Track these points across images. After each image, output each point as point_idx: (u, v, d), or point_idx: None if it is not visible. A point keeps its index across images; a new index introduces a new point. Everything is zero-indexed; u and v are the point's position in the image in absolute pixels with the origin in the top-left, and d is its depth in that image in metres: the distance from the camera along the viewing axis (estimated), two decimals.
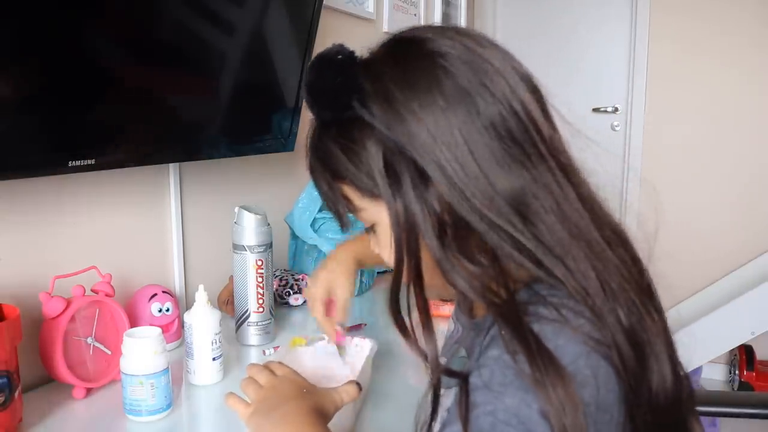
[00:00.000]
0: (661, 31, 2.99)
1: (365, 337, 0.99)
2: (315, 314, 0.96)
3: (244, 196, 1.44)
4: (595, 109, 3.17)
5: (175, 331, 1.13)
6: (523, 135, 0.54)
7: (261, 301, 1.15)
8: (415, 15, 2.42)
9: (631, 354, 0.51)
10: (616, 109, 3.15)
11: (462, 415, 0.49)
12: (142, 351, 0.86)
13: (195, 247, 1.34)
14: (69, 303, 0.92)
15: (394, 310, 0.57)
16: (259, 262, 1.14)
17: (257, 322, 1.16)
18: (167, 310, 1.12)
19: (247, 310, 1.15)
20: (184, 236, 1.30)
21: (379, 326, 1.24)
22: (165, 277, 1.27)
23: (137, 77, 1.04)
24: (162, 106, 1.12)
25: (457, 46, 0.55)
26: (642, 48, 3.03)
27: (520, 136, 0.54)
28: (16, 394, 0.81)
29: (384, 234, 0.58)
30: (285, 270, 1.47)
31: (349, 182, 0.58)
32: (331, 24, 1.71)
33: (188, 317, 0.99)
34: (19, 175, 0.93)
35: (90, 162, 0.97)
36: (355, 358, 0.94)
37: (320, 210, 1.44)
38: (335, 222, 0.63)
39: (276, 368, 0.77)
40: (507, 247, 0.52)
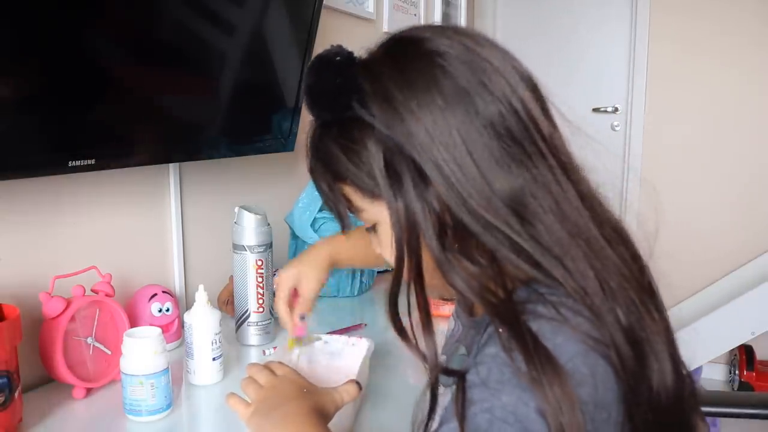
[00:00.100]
0: (661, 31, 2.99)
1: (362, 336, 0.99)
2: (277, 304, 0.95)
3: (244, 196, 1.44)
4: (595, 109, 3.17)
5: (175, 331, 1.13)
6: (523, 133, 0.54)
7: (261, 301, 1.15)
8: (415, 15, 2.41)
9: (629, 353, 0.51)
10: (616, 109, 3.15)
11: (459, 413, 0.49)
12: (142, 351, 0.86)
13: (195, 247, 1.34)
14: (69, 303, 0.92)
15: (392, 312, 0.57)
16: (259, 262, 1.14)
17: (257, 322, 1.16)
18: (167, 310, 1.12)
19: (247, 310, 1.15)
20: (184, 236, 1.30)
21: (379, 326, 1.24)
22: (165, 277, 1.27)
23: (137, 77, 1.04)
24: (162, 106, 1.12)
25: (456, 45, 0.55)
26: (642, 48, 3.03)
27: (519, 134, 0.53)
28: (16, 394, 0.81)
29: (385, 234, 0.58)
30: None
31: (350, 182, 0.58)
32: (331, 24, 1.70)
33: (188, 317, 0.99)
34: (19, 175, 0.93)
35: (90, 162, 0.97)
36: (352, 358, 0.94)
37: (320, 210, 1.44)
38: (336, 222, 0.63)
39: (276, 368, 0.77)
40: (504, 249, 0.52)
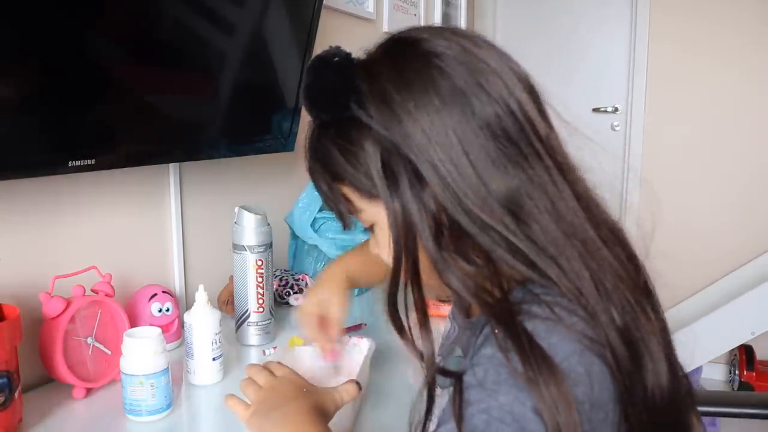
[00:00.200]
0: (661, 31, 2.99)
1: (363, 336, 0.99)
2: (309, 331, 0.92)
3: (244, 196, 1.44)
4: (595, 109, 3.17)
5: (175, 331, 1.13)
6: (519, 134, 0.54)
7: (261, 301, 1.15)
8: (415, 15, 2.41)
9: (624, 353, 0.51)
10: (616, 109, 3.15)
11: (456, 414, 0.49)
12: (142, 351, 0.86)
13: (195, 247, 1.34)
14: (69, 303, 0.92)
15: (392, 310, 0.57)
16: (259, 262, 1.14)
17: (257, 322, 1.16)
18: (167, 310, 1.12)
19: (247, 310, 1.15)
20: (184, 236, 1.30)
21: (379, 326, 1.24)
22: (165, 277, 1.27)
23: (137, 77, 1.04)
24: (162, 106, 1.12)
25: (453, 46, 0.55)
26: (642, 48, 3.03)
27: (516, 135, 0.54)
28: (16, 394, 0.81)
29: (383, 234, 0.58)
30: (285, 270, 1.47)
31: (348, 183, 0.58)
32: (331, 24, 1.71)
33: (188, 317, 0.99)
34: (19, 175, 0.93)
35: (90, 162, 0.97)
36: (353, 358, 0.94)
37: (320, 210, 1.44)
38: (336, 222, 0.63)
39: (275, 368, 0.77)
40: (500, 249, 0.53)
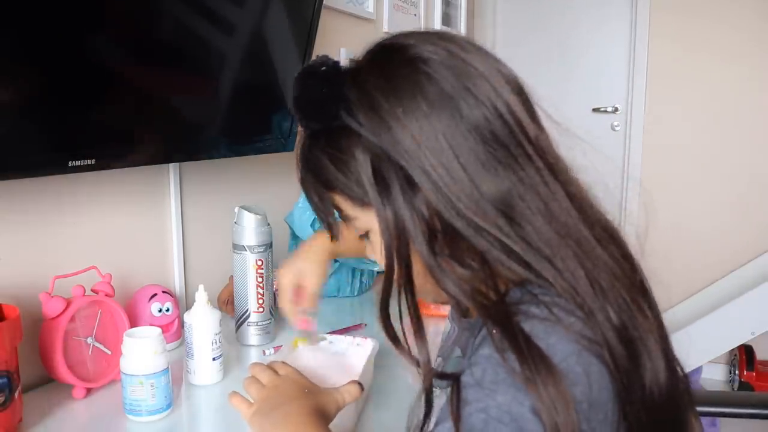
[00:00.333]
0: (661, 30, 2.98)
1: (367, 336, 0.99)
2: (282, 301, 0.94)
3: (244, 196, 1.44)
4: (595, 109, 3.17)
5: (175, 331, 1.13)
6: (508, 136, 0.54)
7: (261, 301, 1.15)
8: (415, 15, 2.41)
9: (622, 351, 0.51)
10: (616, 109, 3.15)
11: (454, 413, 0.49)
12: (142, 351, 0.86)
13: (195, 247, 1.34)
14: (69, 303, 0.92)
15: (384, 318, 0.58)
16: (259, 262, 1.14)
17: (257, 322, 1.16)
18: (167, 310, 1.12)
19: (247, 310, 1.15)
20: (184, 236, 1.30)
21: (379, 326, 1.23)
22: (165, 277, 1.27)
23: (137, 77, 1.04)
24: (162, 107, 1.12)
25: (440, 51, 0.55)
26: (642, 47, 3.03)
27: (505, 137, 0.54)
28: (16, 394, 0.81)
29: (378, 241, 0.58)
30: None
31: (340, 192, 0.58)
32: (331, 24, 1.70)
33: (188, 317, 0.99)
34: (19, 175, 0.92)
35: (90, 162, 0.97)
36: (357, 358, 0.94)
37: None
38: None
39: (279, 368, 0.77)
40: (495, 251, 0.53)
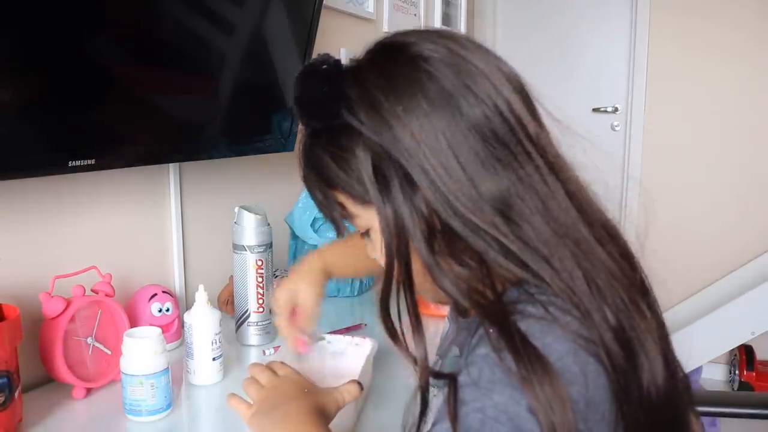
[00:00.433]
0: (661, 30, 2.98)
1: (366, 336, 0.99)
2: (278, 321, 0.91)
3: (244, 196, 1.44)
4: (595, 109, 3.17)
5: (175, 331, 1.13)
6: (509, 135, 0.54)
7: (261, 301, 1.15)
8: (415, 15, 2.41)
9: (619, 352, 0.51)
10: (616, 109, 3.15)
11: (451, 413, 0.49)
12: (142, 351, 0.86)
13: (195, 247, 1.34)
14: (69, 303, 0.92)
15: (384, 315, 0.58)
16: (259, 262, 1.14)
17: (257, 322, 1.16)
18: (167, 310, 1.12)
19: (247, 310, 1.15)
20: (184, 236, 1.30)
21: (379, 326, 1.23)
22: (165, 277, 1.27)
23: (137, 77, 1.04)
24: (162, 106, 1.12)
25: (440, 49, 0.55)
26: (642, 47, 3.03)
27: (505, 136, 0.54)
28: (16, 394, 0.81)
29: (378, 239, 0.58)
30: (285, 270, 1.47)
31: (342, 189, 0.58)
32: (331, 24, 1.70)
33: (188, 317, 0.99)
34: (19, 175, 0.92)
35: (90, 162, 0.97)
36: (355, 358, 0.94)
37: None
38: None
39: (278, 368, 0.77)
40: (492, 251, 0.53)
